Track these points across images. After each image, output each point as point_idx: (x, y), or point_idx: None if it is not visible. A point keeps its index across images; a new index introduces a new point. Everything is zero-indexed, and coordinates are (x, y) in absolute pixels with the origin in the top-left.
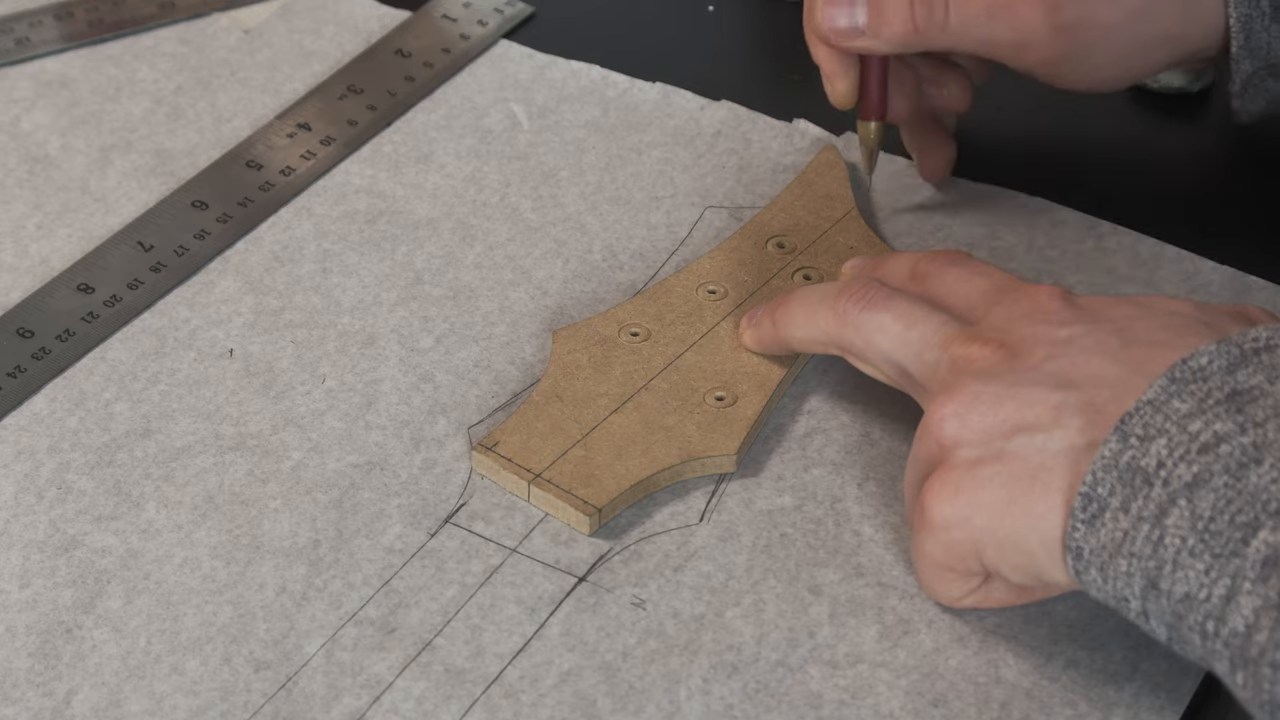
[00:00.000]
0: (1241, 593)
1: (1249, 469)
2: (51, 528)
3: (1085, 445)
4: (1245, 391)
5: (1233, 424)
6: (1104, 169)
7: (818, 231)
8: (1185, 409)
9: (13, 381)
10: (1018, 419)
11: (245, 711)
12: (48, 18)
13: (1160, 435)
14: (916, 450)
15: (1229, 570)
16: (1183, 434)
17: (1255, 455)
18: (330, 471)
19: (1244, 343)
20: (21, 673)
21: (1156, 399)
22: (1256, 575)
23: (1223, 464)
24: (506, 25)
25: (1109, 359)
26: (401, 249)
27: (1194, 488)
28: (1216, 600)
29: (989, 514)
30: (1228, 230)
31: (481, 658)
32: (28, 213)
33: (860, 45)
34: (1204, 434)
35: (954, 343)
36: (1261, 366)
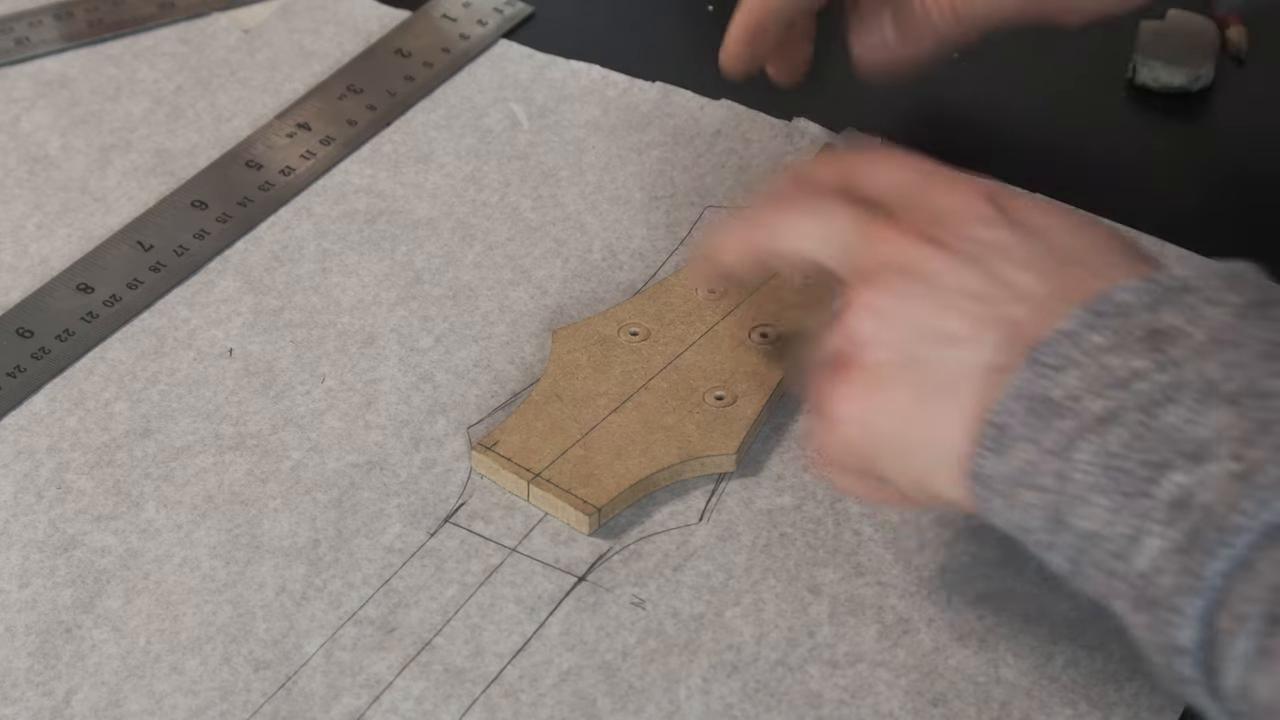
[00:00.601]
0: (1147, 533)
1: (1162, 408)
2: (51, 527)
3: (998, 366)
4: (1165, 331)
5: (1150, 361)
6: (1104, 169)
7: None
8: (1102, 342)
9: (12, 381)
10: (935, 326)
11: (245, 711)
12: (48, 17)
13: (1074, 367)
14: (829, 336)
15: (1136, 510)
16: (1097, 367)
17: (1171, 395)
18: (330, 471)
19: (1164, 280)
20: (21, 672)
21: (1073, 330)
22: (1164, 517)
23: (1136, 401)
24: (506, 25)
25: (1036, 275)
26: (401, 249)
27: (1105, 423)
28: (1121, 539)
29: (891, 421)
30: (1227, 230)
31: (481, 657)
32: (27, 212)
33: (894, 62)
34: (1119, 369)
35: (873, 226)
36: (1183, 306)
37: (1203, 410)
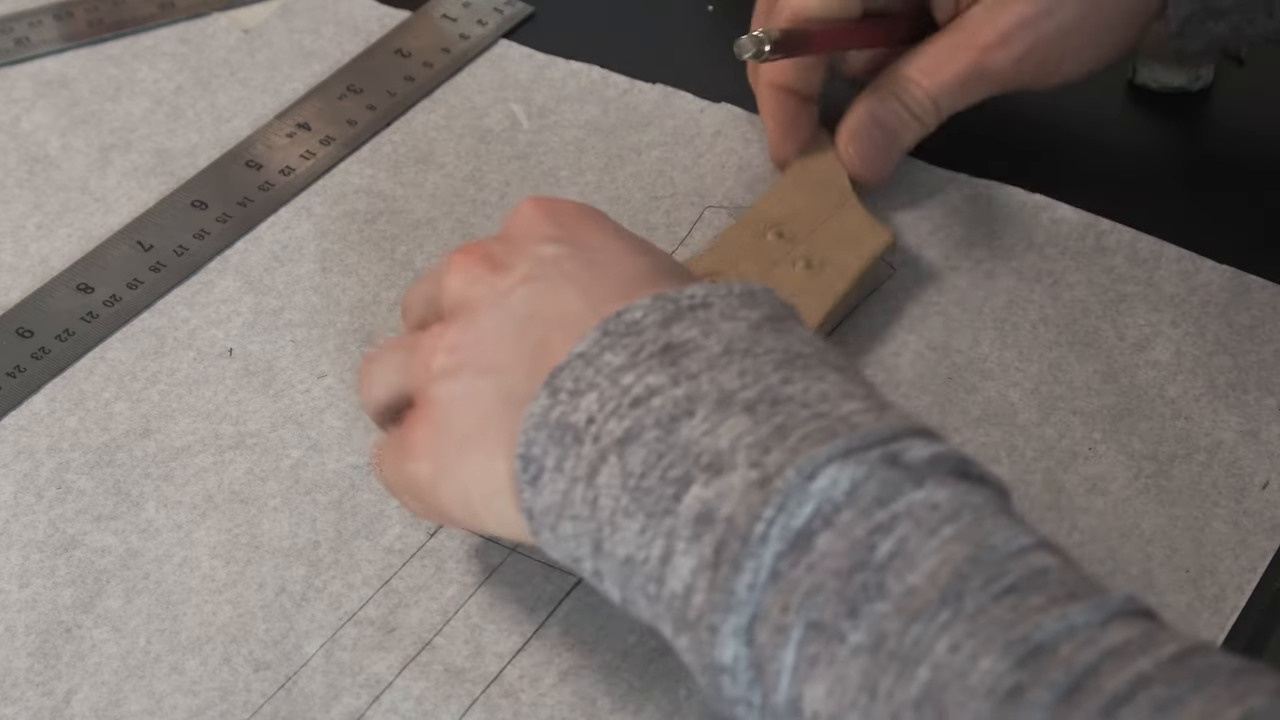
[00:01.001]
0: (677, 553)
1: (680, 421)
2: (51, 527)
3: (525, 397)
4: (680, 345)
5: (666, 376)
6: (1104, 169)
7: (817, 219)
8: (618, 362)
9: (12, 381)
10: (488, 355)
11: (245, 711)
12: (47, 17)
13: (591, 390)
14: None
15: (663, 529)
16: (614, 388)
17: (688, 408)
18: (330, 472)
19: (680, 299)
20: (21, 672)
21: (588, 352)
22: (690, 534)
23: (654, 417)
24: (506, 25)
25: (577, 292)
26: (401, 248)
27: (624, 443)
28: (655, 561)
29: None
30: (1228, 230)
31: (481, 657)
32: (27, 213)
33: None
34: (636, 387)
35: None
36: (697, 321)
37: (719, 420)
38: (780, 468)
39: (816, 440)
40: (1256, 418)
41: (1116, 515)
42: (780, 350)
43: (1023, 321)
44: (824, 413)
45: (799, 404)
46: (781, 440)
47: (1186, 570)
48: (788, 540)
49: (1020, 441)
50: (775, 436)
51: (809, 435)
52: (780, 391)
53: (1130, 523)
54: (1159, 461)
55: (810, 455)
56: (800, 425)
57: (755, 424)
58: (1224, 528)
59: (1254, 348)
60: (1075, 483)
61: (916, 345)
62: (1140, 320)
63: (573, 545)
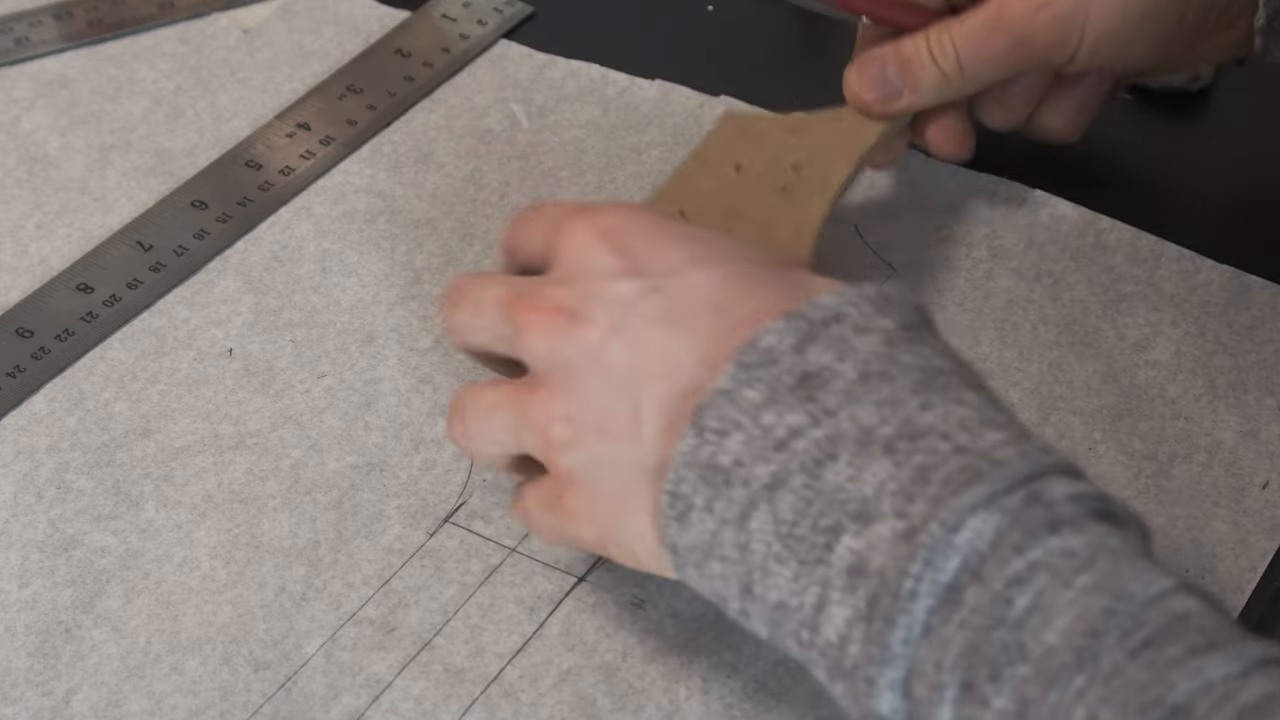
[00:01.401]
0: (831, 602)
1: (825, 466)
2: (51, 527)
3: (660, 462)
4: (816, 374)
5: (805, 415)
6: (1104, 168)
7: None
8: (757, 398)
9: (12, 381)
10: (604, 423)
11: (244, 711)
12: (47, 17)
13: (736, 430)
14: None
15: (816, 578)
16: (757, 428)
17: (830, 451)
18: (330, 473)
19: (811, 314)
20: (21, 672)
21: (728, 388)
22: (844, 584)
23: (799, 462)
24: (506, 25)
25: (673, 332)
26: (401, 248)
27: (773, 489)
28: (809, 609)
29: (601, 526)
30: (1228, 230)
31: (481, 657)
32: (27, 213)
33: (900, 106)
34: (778, 428)
35: (513, 310)
36: (831, 341)
37: (862, 464)
38: (925, 520)
39: (959, 485)
40: (1256, 418)
41: None
42: (917, 369)
43: (1022, 321)
44: (964, 446)
45: (939, 435)
46: (924, 486)
47: (1186, 570)
48: (937, 595)
49: None
50: (918, 481)
51: (950, 478)
52: (919, 421)
53: None
54: (1159, 461)
55: (953, 506)
56: (941, 464)
57: (897, 466)
58: (1224, 528)
59: (1254, 348)
60: None
61: None
62: (1140, 320)
63: (719, 585)
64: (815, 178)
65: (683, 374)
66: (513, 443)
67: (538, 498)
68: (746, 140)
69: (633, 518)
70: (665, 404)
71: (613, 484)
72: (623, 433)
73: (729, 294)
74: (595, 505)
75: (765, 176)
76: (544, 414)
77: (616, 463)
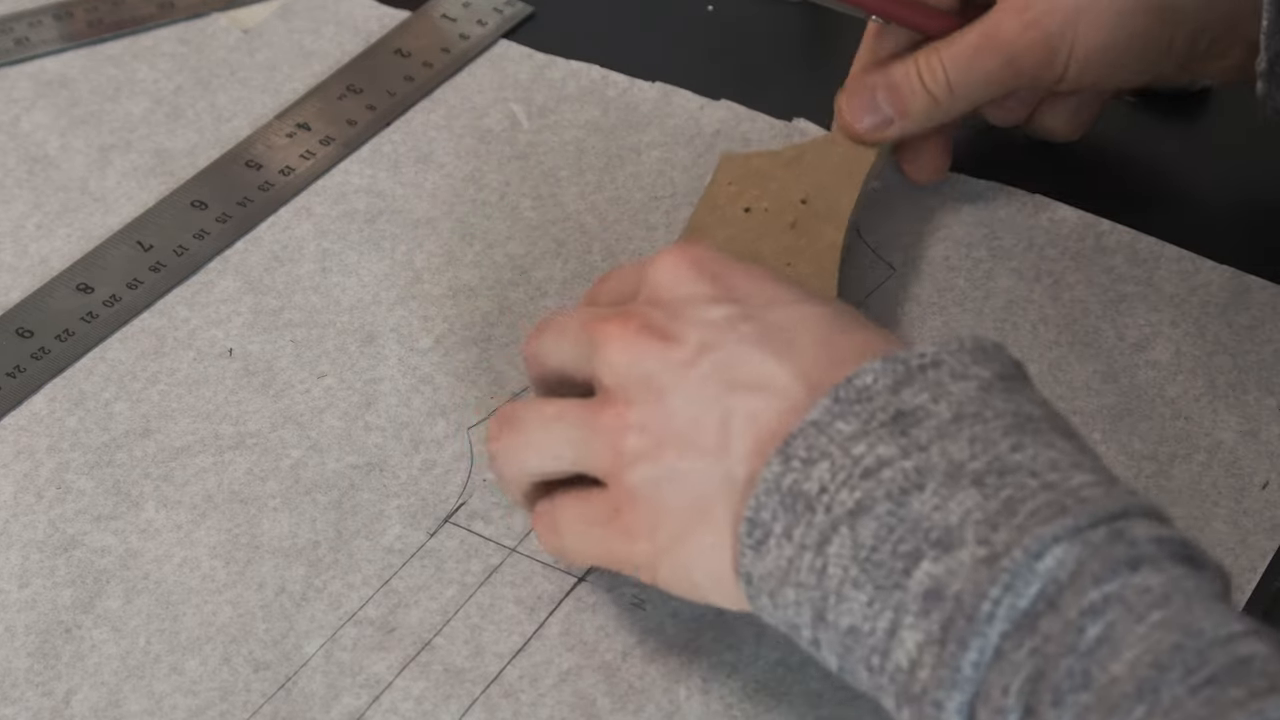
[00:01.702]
0: (904, 626)
1: (911, 495)
2: (51, 527)
3: (749, 476)
4: (910, 412)
5: (896, 447)
6: (1104, 169)
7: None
8: (849, 430)
9: (12, 381)
10: (688, 435)
11: (244, 711)
12: (47, 17)
13: (824, 459)
14: (589, 438)
15: (891, 603)
16: (846, 457)
17: (918, 481)
18: (330, 473)
19: (910, 359)
20: (21, 672)
21: (821, 420)
22: (919, 609)
23: (885, 490)
24: (506, 25)
25: (773, 358)
26: (401, 248)
27: (856, 515)
28: (881, 634)
29: (661, 543)
30: (1228, 230)
31: (481, 657)
32: (27, 213)
33: (893, 132)
34: (867, 458)
35: (596, 324)
36: (927, 384)
37: (949, 494)
38: (1008, 546)
39: (1045, 517)
40: (1256, 418)
41: None
42: (1010, 414)
43: (1022, 321)
44: (1053, 484)
45: (1028, 473)
46: (1010, 517)
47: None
48: (1013, 620)
49: None
50: (1004, 512)
51: (1037, 511)
52: (1009, 460)
53: None
54: (1159, 461)
55: (1037, 534)
56: (1029, 499)
57: (984, 498)
58: (1224, 528)
59: (1254, 348)
60: None
61: None
62: (1140, 320)
63: (792, 612)
64: (824, 209)
65: (781, 393)
66: (572, 457)
67: (584, 513)
68: (749, 180)
69: (704, 535)
70: (759, 420)
71: (685, 500)
72: (709, 446)
73: (831, 329)
74: (659, 522)
75: (774, 215)
76: (618, 425)
77: (695, 477)
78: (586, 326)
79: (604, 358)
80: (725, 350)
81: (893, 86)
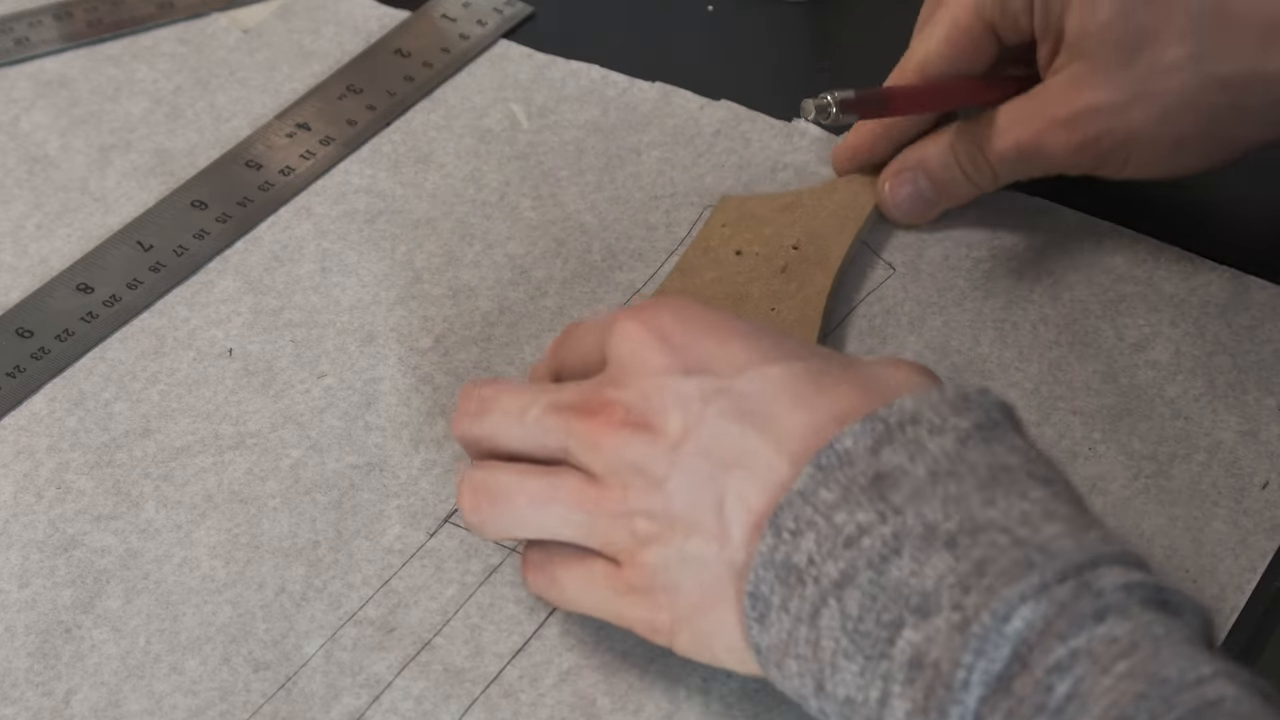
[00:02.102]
0: (894, 696)
1: (890, 562)
2: (51, 527)
3: (749, 559)
4: (888, 474)
5: (874, 513)
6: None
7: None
8: (831, 499)
9: (12, 381)
10: (690, 519)
11: (244, 711)
12: (47, 18)
13: (810, 529)
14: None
15: (879, 672)
16: (829, 526)
17: (895, 546)
18: (330, 472)
19: (889, 416)
20: (20, 672)
21: (805, 489)
22: (904, 677)
23: (866, 558)
24: (506, 25)
25: (753, 432)
26: (401, 248)
27: (841, 586)
28: (874, 704)
29: (680, 613)
30: (1228, 230)
31: (481, 657)
32: (27, 213)
33: (933, 213)
34: (848, 526)
35: (576, 423)
36: (905, 442)
37: (924, 558)
38: (978, 610)
39: (1012, 577)
40: (1256, 418)
41: (1116, 515)
42: (985, 466)
43: (1022, 321)
44: (1022, 539)
45: (999, 529)
46: (980, 578)
47: (1186, 570)
48: (988, 685)
49: None
50: (974, 574)
51: (1005, 571)
52: (981, 517)
53: (1130, 523)
54: (1159, 462)
55: (1004, 596)
56: (999, 557)
57: (956, 560)
58: (1224, 528)
59: (1254, 348)
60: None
61: (916, 345)
62: (1140, 320)
63: (797, 683)
64: (815, 255)
65: (766, 470)
66: (573, 536)
67: (590, 579)
68: (743, 223)
69: (717, 613)
70: (749, 501)
71: (697, 579)
72: (711, 531)
73: (807, 390)
74: (676, 598)
75: (765, 259)
76: (622, 510)
77: (703, 559)
78: (562, 422)
79: (588, 457)
80: (706, 427)
81: (933, 176)
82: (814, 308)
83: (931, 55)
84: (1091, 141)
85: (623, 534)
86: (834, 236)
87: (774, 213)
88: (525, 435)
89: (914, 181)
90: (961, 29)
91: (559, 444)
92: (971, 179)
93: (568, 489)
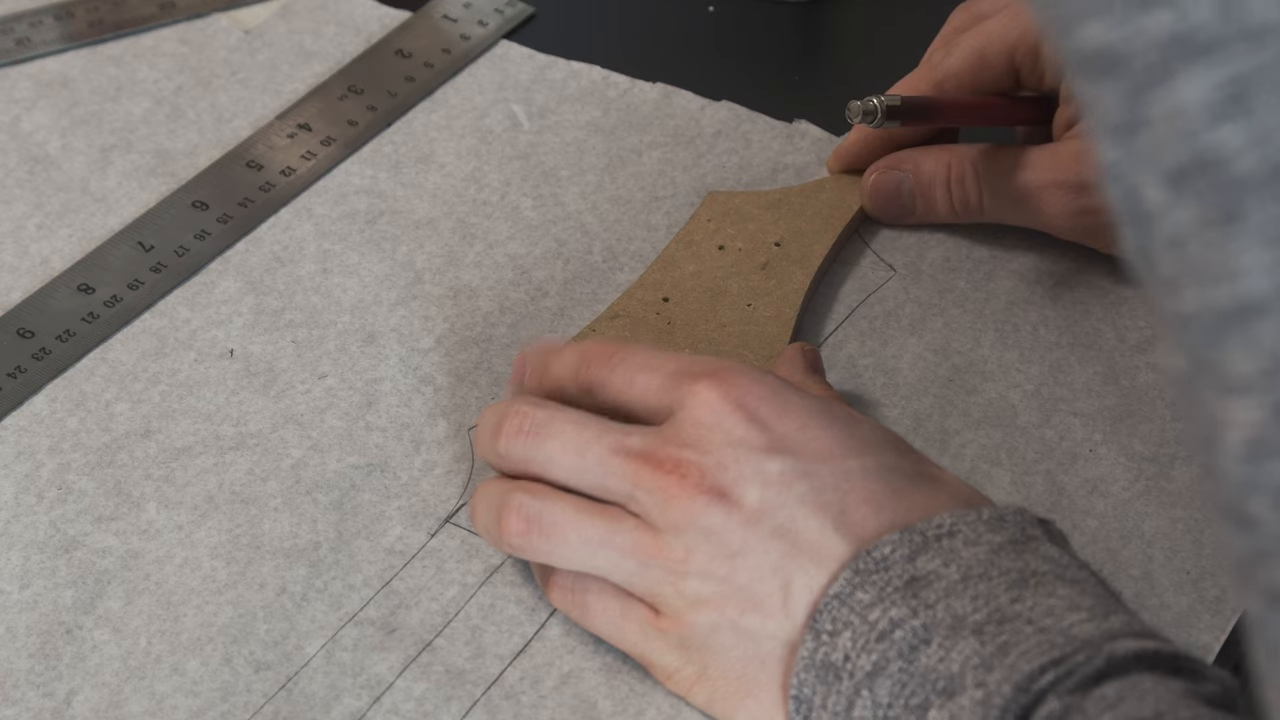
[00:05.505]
0: None
1: (919, 650)
2: (52, 528)
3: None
4: (922, 577)
5: (907, 609)
6: None
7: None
8: (867, 599)
9: (13, 382)
10: (753, 594)
11: (245, 712)
12: (48, 18)
13: (846, 629)
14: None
15: None
16: (864, 624)
17: (925, 636)
18: (330, 473)
19: (927, 530)
20: (22, 673)
21: (842, 592)
22: None
23: (896, 649)
24: (507, 25)
25: (830, 525)
26: (402, 249)
27: (874, 676)
28: None
29: (711, 677)
30: None
31: (482, 658)
32: (28, 213)
33: (907, 218)
34: (881, 621)
35: (643, 471)
36: (940, 551)
37: (951, 645)
38: (999, 684)
39: (1034, 655)
40: None
41: (1117, 517)
42: (1015, 571)
43: (1023, 323)
44: (1046, 627)
45: (1024, 620)
46: (1003, 658)
47: (1187, 572)
48: None
49: (1021, 443)
50: (998, 655)
51: (1027, 651)
52: (1008, 610)
53: (1131, 524)
54: (1159, 463)
55: (1025, 670)
56: (1022, 641)
57: (981, 644)
58: None
59: None
60: (1076, 485)
61: (916, 347)
62: (1141, 322)
63: None
64: (796, 253)
65: (835, 564)
66: (619, 579)
67: (623, 614)
68: (728, 218)
69: (760, 693)
70: (814, 590)
71: (743, 653)
72: (773, 609)
73: (879, 490)
74: (713, 662)
75: (747, 255)
76: (679, 568)
77: (755, 635)
78: (630, 470)
79: (659, 509)
80: (786, 511)
81: (921, 184)
82: (790, 306)
83: (951, 76)
84: (1091, 211)
85: (670, 590)
86: (817, 235)
87: (760, 209)
88: (584, 471)
89: (900, 181)
90: (986, 61)
91: (623, 490)
92: (955, 200)
93: (626, 537)
